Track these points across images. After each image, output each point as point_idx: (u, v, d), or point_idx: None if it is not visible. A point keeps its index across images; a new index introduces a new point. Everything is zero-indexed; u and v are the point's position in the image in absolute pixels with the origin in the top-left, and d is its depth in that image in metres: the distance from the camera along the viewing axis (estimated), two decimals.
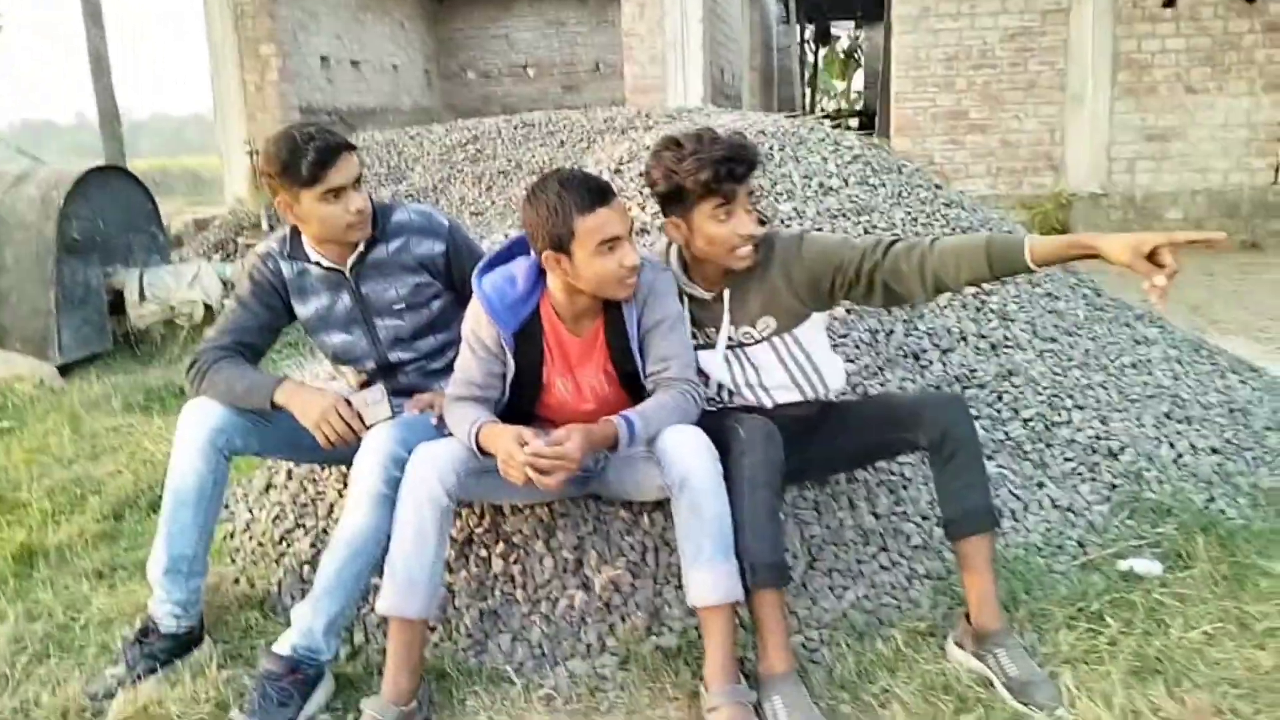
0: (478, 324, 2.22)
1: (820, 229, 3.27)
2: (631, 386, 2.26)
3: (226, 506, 3.11)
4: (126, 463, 3.69)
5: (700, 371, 2.31)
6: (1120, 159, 8.44)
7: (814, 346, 2.33)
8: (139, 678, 2.24)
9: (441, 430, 2.26)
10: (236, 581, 2.71)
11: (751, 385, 2.33)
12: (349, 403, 2.29)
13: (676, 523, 2.10)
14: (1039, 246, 2.01)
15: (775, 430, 2.15)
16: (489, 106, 14.50)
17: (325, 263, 2.44)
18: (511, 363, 2.21)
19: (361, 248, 2.42)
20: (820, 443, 2.30)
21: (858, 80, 24.52)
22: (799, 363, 2.31)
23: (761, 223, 2.27)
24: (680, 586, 2.35)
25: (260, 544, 2.83)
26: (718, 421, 2.19)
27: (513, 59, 14.91)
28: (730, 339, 2.29)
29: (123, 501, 3.36)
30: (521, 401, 2.29)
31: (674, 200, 2.18)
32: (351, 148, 2.35)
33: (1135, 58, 8.28)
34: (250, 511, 3.01)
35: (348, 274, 2.44)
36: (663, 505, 2.48)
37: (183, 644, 2.35)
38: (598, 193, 2.07)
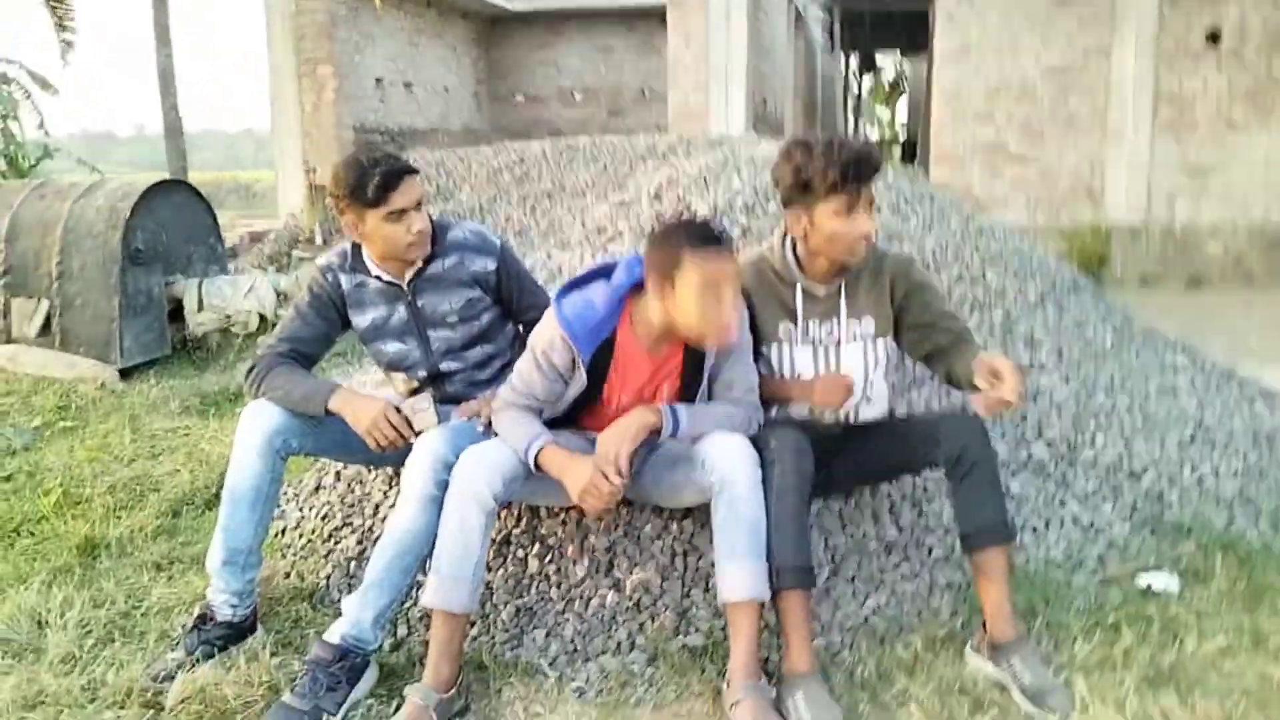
0: (551, 345, 2.28)
1: None
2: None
3: (279, 506, 3.27)
4: (184, 462, 3.84)
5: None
6: (1160, 192, 8.45)
7: (884, 363, 2.47)
8: (197, 662, 2.37)
9: (487, 436, 2.38)
10: (287, 575, 2.84)
11: None
12: (398, 410, 2.43)
13: (714, 522, 2.20)
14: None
15: (806, 443, 2.26)
16: (536, 129, 14.74)
17: (385, 277, 2.59)
18: (584, 380, 2.29)
19: (420, 263, 2.57)
20: (843, 459, 2.41)
21: (903, 109, 24.51)
22: (870, 376, 2.44)
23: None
24: (708, 590, 2.47)
25: (309, 541, 2.97)
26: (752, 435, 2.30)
27: (561, 83, 15.16)
28: (831, 332, 2.42)
29: (180, 499, 3.50)
30: (574, 412, 2.39)
31: (800, 195, 2.31)
32: (414, 172, 2.50)
33: (1177, 94, 8.31)
34: (300, 510, 3.15)
35: (405, 287, 2.58)
36: (691, 512, 2.59)
37: (238, 632, 2.48)
38: (713, 236, 2.16)
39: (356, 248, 2.62)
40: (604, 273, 2.34)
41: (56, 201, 5.11)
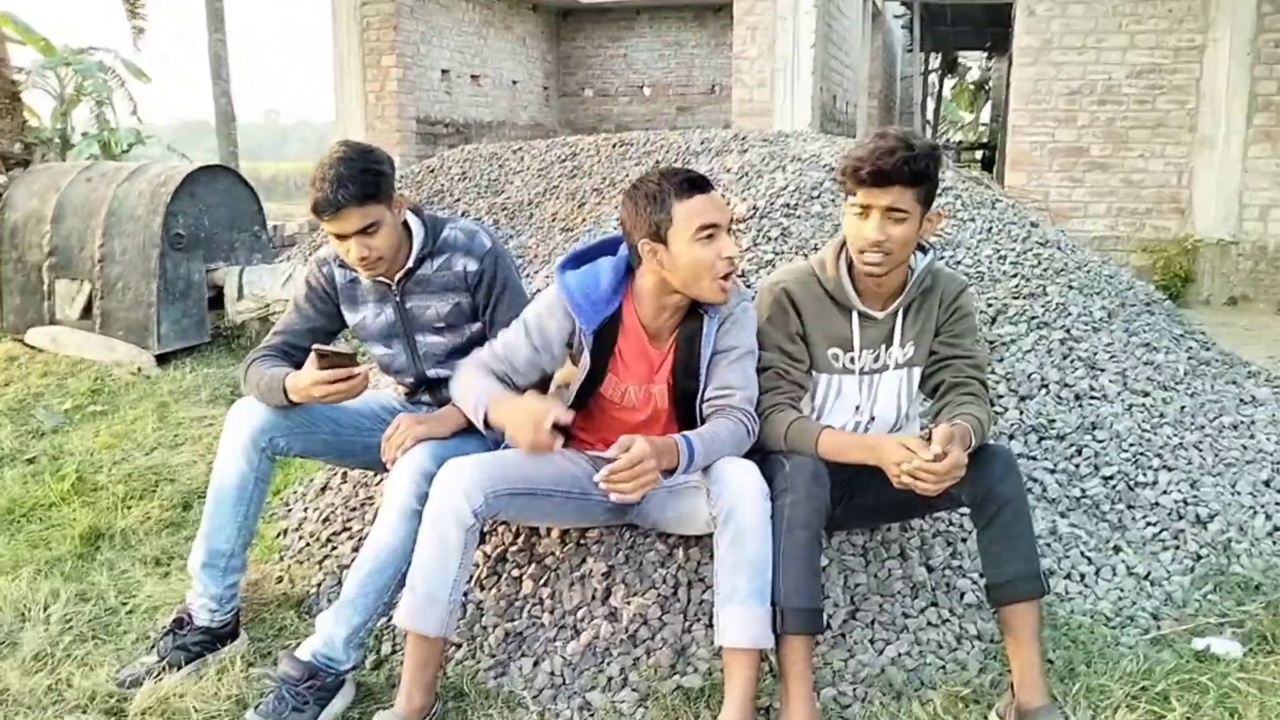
0: (549, 315, 2.16)
1: None
2: (684, 408, 2.19)
3: (286, 504, 3.16)
4: (202, 454, 3.77)
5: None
6: (1253, 205, 7.91)
7: (915, 394, 2.26)
8: (168, 668, 2.27)
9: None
10: (279, 580, 2.73)
11: (860, 423, 2.24)
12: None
13: (716, 556, 2.01)
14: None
15: (823, 471, 2.04)
16: (604, 125, 14.64)
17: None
18: (588, 361, 2.14)
19: (410, 263, 2.39)
20: (861, 491, 2.17)
21: (987, 113, 23.83)
22: (901, 407, 2.24)
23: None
24: (711, 625, 2.26)
25: (307, 544, 2.85)
26: (764, 457, 2.10)
27: (630, 79, 15.03)
28: (878, 359, 2.21)
29: (193, 491, 3.42)
30: (579, 404, 2.21)
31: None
32: (354, 202, 2.22)
33: (1274, 99, 7.78)
34: (305, 511, 3.03)
35: (394, 287, 2.42)
36: (700, 540, 2.39)
37: (216, 638, 2.37)
38: (697, 182, 2.07)
39: None
40: (609, 248, 2.20)
41: (102, 184, 5.10)
